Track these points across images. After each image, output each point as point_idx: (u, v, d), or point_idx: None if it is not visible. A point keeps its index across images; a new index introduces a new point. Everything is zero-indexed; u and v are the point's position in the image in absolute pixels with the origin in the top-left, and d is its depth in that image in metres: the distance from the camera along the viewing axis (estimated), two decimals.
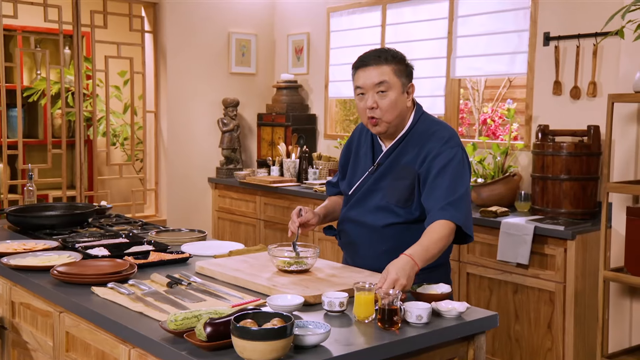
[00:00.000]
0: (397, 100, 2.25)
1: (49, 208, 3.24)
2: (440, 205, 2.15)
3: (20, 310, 2.39)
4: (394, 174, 2.31)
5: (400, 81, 2.26)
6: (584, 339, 3.39)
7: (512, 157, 4.06)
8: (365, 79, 2.25)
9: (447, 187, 2.18)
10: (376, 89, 2.24)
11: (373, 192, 2.34)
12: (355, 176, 2.43)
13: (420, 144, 2.28)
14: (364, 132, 2.47)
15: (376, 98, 2.24)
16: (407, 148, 2.31)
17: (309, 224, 2.37)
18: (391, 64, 2.25)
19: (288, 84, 5.37)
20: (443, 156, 2.22)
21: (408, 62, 2.31)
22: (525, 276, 3.44)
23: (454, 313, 1.83)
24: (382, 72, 2.24)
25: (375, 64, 2.24)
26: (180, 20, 5.27)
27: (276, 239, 4.86)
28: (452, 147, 2.25)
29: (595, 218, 3.56)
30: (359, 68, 2.28)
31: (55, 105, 5.65)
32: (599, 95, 3.70)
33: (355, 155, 2.48)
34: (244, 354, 1.49)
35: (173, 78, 5.27)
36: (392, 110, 2.25)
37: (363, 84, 2.26)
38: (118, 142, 5.99)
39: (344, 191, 2.48)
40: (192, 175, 5.41)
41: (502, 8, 4.16)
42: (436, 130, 2.30)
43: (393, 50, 2.31)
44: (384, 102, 2.24)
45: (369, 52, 2.30)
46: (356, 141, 2.50)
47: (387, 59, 2.25)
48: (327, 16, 5.29)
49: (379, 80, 2.23)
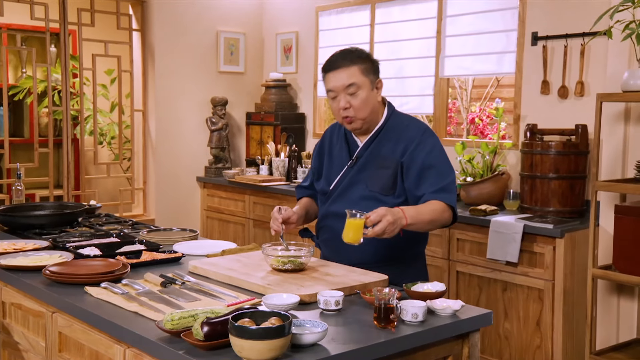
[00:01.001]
0: (368, 97, 2.35)
1: (38, 207, 3.21)
2: (433, 190, 2.28)
3: (11, 310, 2.38)
4: (374, 164, 2.40)
5: (368, 79, 2.35)
6: (573, 336, 3.42)
7: (501, 156, 4.08)
8: (335, 81, 2.34)
9: (436, 174, 2.31)
10: (347, 90, 2.33)
11: (355, 184, 2.41)
12: (332, 173, 2.50)
13: (397, 135, 2.40)
14: (335, 132, 2.56)
15: (348, 99, 2.34)
16: (384, 140, 2.41)
17: (290, 221, 2.41)
18: (358, 64, 2.34)
19: (277, 83, 5.36)
20: (425, 145, 2.35)
21: (373, 59, 2.41)
22: (515, 274, 3.47)
23: (449, 311, 1.84)
24: (351, 73, 2.32)
25: (343, 66, 2.33)
26: (168, 18, 5.24)
27: (265, 238, 4.86)
28: (432, 136, 2.39)
29: (583, 216, 3.60)
30: (328, 71, 2.37)
31: (42, 103, 5.61)
32: (587, 94, 3.74)
33: (329, 155, 2.55)
34: (242, 353, 1.49)
35: (161, 76, 5.25)
36: (365, 108, 2.36)
37: (334, 87, 2.35)
38: (105, 141, 5.96)
39: (322, 189, 2.53)
40: (180, 174, 5.39)
41: (490, 8, 4.18)
42: (410, 123, 2.45)
43: (358, 50, 2.41)
44: (356, 101, 2.34)
45: (336, 55, 2.38)
46: (327, 143, 2.59)
47: (353, 60, 2.33)
48: (315, 15, 5.29)
49: (349, 83, 2.32)
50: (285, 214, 2.39)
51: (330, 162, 2.53)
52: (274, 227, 2.36)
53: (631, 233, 3.08)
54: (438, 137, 2.45)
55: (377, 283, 2.10)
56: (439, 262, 3.78)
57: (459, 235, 3.69)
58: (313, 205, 2.64)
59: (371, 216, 2.05)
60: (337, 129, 2.57)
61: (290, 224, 2.41)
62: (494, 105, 4.19)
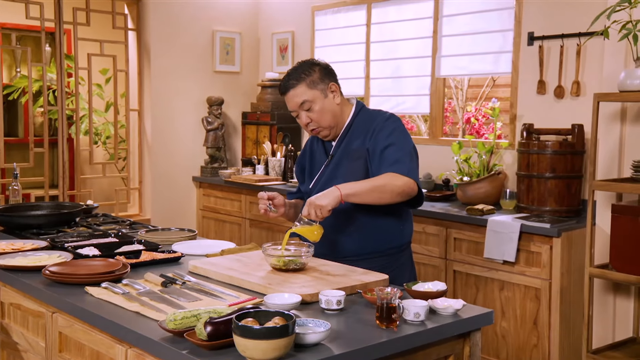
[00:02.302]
0: (324, 106, 2.45)
1: (35, 207, 3.20)
2: (389, 164, 2.36)
3: (10, 310, 2.37)
4: (348, 158, 2.48)
5: (317, 90, 2.44)
6: (569, 334, 3.44)
7: (497, 155, 4.10)
8: (290, 103, 2.47)
9: (393, 151, 2.38)
10: (302, 108, 2.45)
11: (333, 179, 2.48)
12: (313, 173, 2.61)
13: (366, 127, 2.48)
14: (314, 139, 2.67)
15: (307, 114, 2.46)
16: (354, 135, 2.50)
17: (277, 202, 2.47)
18: (303, 80, 2.43)
19: (273, 83, 5.36)
20: (386, 129, 2.43)
21: (321, 65, 2.48)
22: (512, 273, 3.48)
23: (451, 310, 1.84)
24: (299, 92, 2.43)
25: (292, 87, 2.44)
26: (163, 17, 5.23)
27: (262, 237, 4.86)
28: (394, 122, 2.47)
29: (579, 215, 3.61)
30: (282, 95, 2.50)
31: (36, 103, 5.59)
32: (583, 94, 3.75)
33: (310, 160, 2.66)
34: (246, 352, 1.49)
35: (157, 76, 5.24)
36: (325, 117, 2.46)
37: (291, 108, 2.49)
38: (100, 141, 5.94)
39: (306, 190, 2.61)
40: (176, 174, 5.38)
41: (486, 8, 4.20)
42: (378, 114, 2.53)
43: (302, 64, 2.48)
44: (314, 114, 2.45)
45: (285, 78, 2.48)
46: (309, 149, 2.69)
47: (298, 79, 2.43)
48: (311, 15, 5.30)
49: (301, 101, 2.43)
50: (271, 193, 2.48)
51: (311, 166, 2.65)
52: (261, 206, 2.46)
53: (628, 232, 3.10)
54: (402, 121, 2.53)
55: (378, 282, 2.10)
56: (436, 262, 3.79)
57: (456, 235, 3.70)
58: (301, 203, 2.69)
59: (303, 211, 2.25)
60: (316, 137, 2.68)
61: (278, 206, 2.48)
62: (489, 105, 4.20)
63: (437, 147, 4.43)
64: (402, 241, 2.52)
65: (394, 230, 2.48)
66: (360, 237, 2.44)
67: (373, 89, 4.86)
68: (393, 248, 2.48)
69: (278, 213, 2.48)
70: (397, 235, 2.49)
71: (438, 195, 4.14)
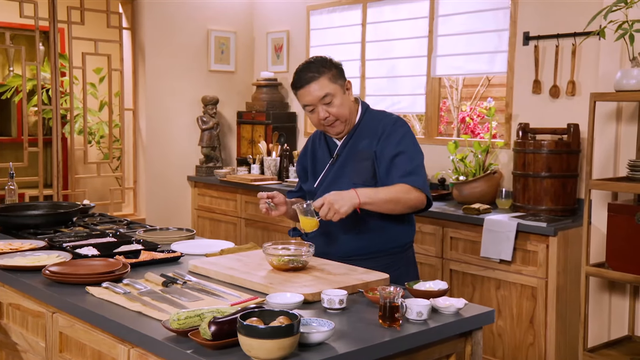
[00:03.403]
0: (343, 101, 2.46)
1: (32, 207, 3.19)
2: (400, 175, 2.37)
3: (8, 310, 2.36)
4: (354, 159, 2.49)
5: (338, 85, 2.45)
6: (565, 333, 3.46)
7: (493, 154, 4.11)
8: (309, 96, 2.43)
9: (405, 160, 2.39)
10: (323, 101, 2.43)
11: (338, 178, 2.49)
12: (316, 173, 2.60)
13: (372, 129, 2.49)
14: (316, 138, 2.66)
15: (325, 108, 2.44)
16: (361, 135, 2.50)
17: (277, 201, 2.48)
18: (324, 74, 2.43)
19: (268, 82, 5.36)
20: (396, 134, 2.44)
21: (336, 63, 2.50)
22: (508, 272, 3.49)
23: (453, 309, 1.85)
24: (321, 86, 2.42)
25: (312, 79, 2.42)
26: (158, 17, 5.22)
27: (257, 237, 4.85)
28: (402, 126, 2.48)
29: (575, 215, 3.63)
30: (299, 88, 2.46)
31: (30, 102, 5.56)
32: (578, 94, 3.77)
33: (312, 159, 2.65)
34: (251, 352, 1.49)
35: (151, 75, 5.22)
36: (343, 112, 2.46)
37: (310, 101, 2.44)
38: (94, 141, 5.92)
39: (309, 189, 2.61)
40: (171, 173, 5.37)
41: (482, 8, 4.21)
42: (384, 116, 2.54)
43: (320, 59, 2.48)
44: (333, 109, 2.44)
45: (301, 70, 2.45)
46: (310, 149, 2.68)
47: (319, 71, 2.42)
48: (307, 14, 5.30)
49: (323, 94, 2.42)
50: (270, 193, 2.49)
51: (314, 165, 2.64)
52: (261, 205, 2.46)
53: (624, 231, 3.12)
54: (410, 127, 2.53)
55: (379, 282, 2.11)
56: (433, 261, 3.80)
57: (452, 234, 3.71)
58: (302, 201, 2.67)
59: (316, 202, 2.22)
60: (318, 135, 2.68)
61: (279, 204, 2.48)
62: (484, 105, 4.21)
63: (432, 146, 4.44)
64: (406, 240, 2.53)
65: (399, 230, 2.49)
66: (366, 237, 2.45)
67: (368, 88, 4.87)
68: (397, 247, 2.50)
69: (279, 211, 2.48)
70: (401, 234, 2.51)
71: (434, 194, 4.15)
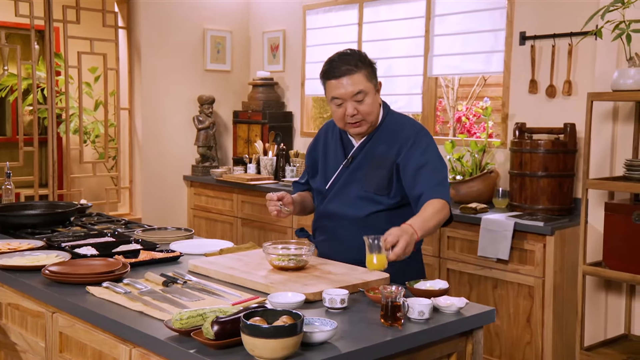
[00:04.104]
0: (373, 102, 2.35)
1: (29, 207, 3.17)
2: (430, 187, 2.28)
3: (7, 311, 2.35)
4: (369, 164, 2.40)
5: (372, 84, 2.35)
6: (562, 332, 3.47)
7: (489, 154, 4.12)
8: (341, 89, 2.31)
9: (431, 171, 2.32)
10: (354, 98, 2.31)
11: (350, 183, 2.42)
12: (328, 172, 2.50)
13: (392, 135, 2.41)
14: (329, 131, 2.55)
15: (355, 105, 2.32)
16: (379, 140, 2.41)
17: (286, 201, 2.42)
18: (362, 69, 2.31)
19: (264, 82, 5.35)
20: (420, 144, 2.35)
21: (373, 61, 2.38)
22: (505, 271, 3.50)
23: (454, 309, 1.85)
24: (356, 81, 2.30)
25: (348, 73, 2.30)
26: (154, 16, 5.21)
27: (254, 237, 4.85)
28: (426, 136, 2.40)
29: (571, 214, 3.65)
30: (331, 78, 2.33)
31: (25, 101, 5.53)
32: (574, 94, 3.79)
33: (324, 154, 2.55)
34: (255, 351, 1.49)
35: (147, 75, 5.21)
36: (372, 112, 2.36)
37: (341, 95, 2.32)
38: (89, 140, 5.90)
39: (318, 188, 2.53)
40: (167, 173, 5.36)
41: (478, 7, 4.22)
42: (405, 123, 2.45)
43: (358, 53, 2.36)
44: (363, 107, 2.33)
45: (338, 61, 2.33)
46: (323, 140, 2.58)
47: (357, 66, 2.31)
48: (303, 14, 5.29)
49: (356, 91, 2.30)
50: (279, 194, 2.42)
51: (325, 161, 2.54)
52: (271, 208, 2.39)
53: (621, 230, 3.13)
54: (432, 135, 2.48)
55: (379, 281, 2.11)
56: (430, 260, 3.81)
57: (449, 233, 3.72)
58: (309, 198, 2.64)
59: (388, 238, 2.01)
60: (331, 127, 2.56)
61: (287, 204, 2.42)
62: (480, 104, 4.22)
63: None
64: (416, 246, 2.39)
65: None
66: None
67: None
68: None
69: (291, 212, 2.42)
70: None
71: None
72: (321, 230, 2.52)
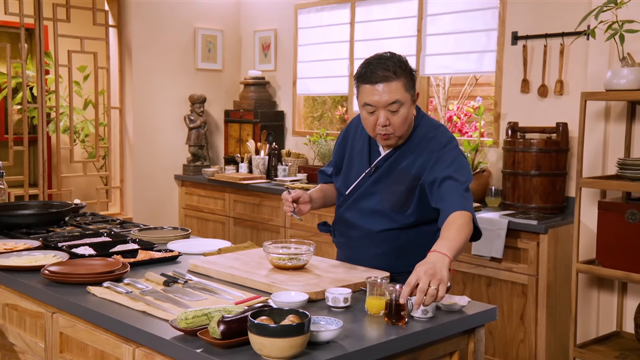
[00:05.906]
0: (408, 114, 2.19)
1: (23, 207, 3.15)
2: (453, 200, 2.13)
3: (5, 311, 2.33)
4: (391, 178, 2.28)
5: (409, 95, 2.18)
6: (555, 329, 3.50)
7: (482, 153, 4.15)
8: (375, 96, 2.14)
9: (456, 185, 2.16)
10: (389, 107, 2.15)
11: (369, 195, 2.32)
12: (350, 176, 2.39)
13: (418, 149, 2.26)
14: (359, 127, 2.40)
15: (388, 115, 2.16)
16: (405, 153, 2.28)
17: (301, 201, 2.34)
18: (401, 78, 2.14)
19: (256, 81, 5.34)
20: (445, 159, 2.20)
21: (413, 69, 2.22)
22: (499, 270, 3.53)
23: (456, 307, 1.87)
24: (394, 90, 2.13)
25: (386, 80, 2.13)
26: (145, 14, 5.18)
27: (246, 236, 4.85)
28: (452, 149, 2.24)
29: (563, 212, 3.68)
30: (366, 83, 2.16)
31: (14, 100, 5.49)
32: (566, 93, 3.82)
33: (350, 153, 2.43)
34: (263, 351, 1.49)
35: (138, 73, 5.18)
36: (404, 125, 2.20)
37: (374, 103, 2.16)
38: (78, 139, 5.86)
39: (340, 190, 2.44)
40: (158, 172, 5.33)
41: (471, 7, 4.24)
42: (434, 137, 2.27)
43: (398, 57, 2.19)
44: (397, 119, 2.17)
45: (375, 65, 2.16)
46: (352, 136, 2.44)
47: (396, 73, 2.14)
48: (294, 13, 5.29)
49: (392, 100, 2.14)
50: (295, 194, 2.32)
51: (350, 163, 2.41)
52: (286, 208, 2.31)
53: (614, 228, 3.17)
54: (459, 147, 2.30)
55: None
56: None
57: None
58: (332, 190, 2.53)
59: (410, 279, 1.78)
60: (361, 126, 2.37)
61: (303, 203, 2.34)
62: (472, 104, 4.24)
63: None
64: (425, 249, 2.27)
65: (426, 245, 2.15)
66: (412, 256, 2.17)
67: None
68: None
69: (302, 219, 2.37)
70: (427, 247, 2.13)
71: None
72: (339, 232, 2.48)
